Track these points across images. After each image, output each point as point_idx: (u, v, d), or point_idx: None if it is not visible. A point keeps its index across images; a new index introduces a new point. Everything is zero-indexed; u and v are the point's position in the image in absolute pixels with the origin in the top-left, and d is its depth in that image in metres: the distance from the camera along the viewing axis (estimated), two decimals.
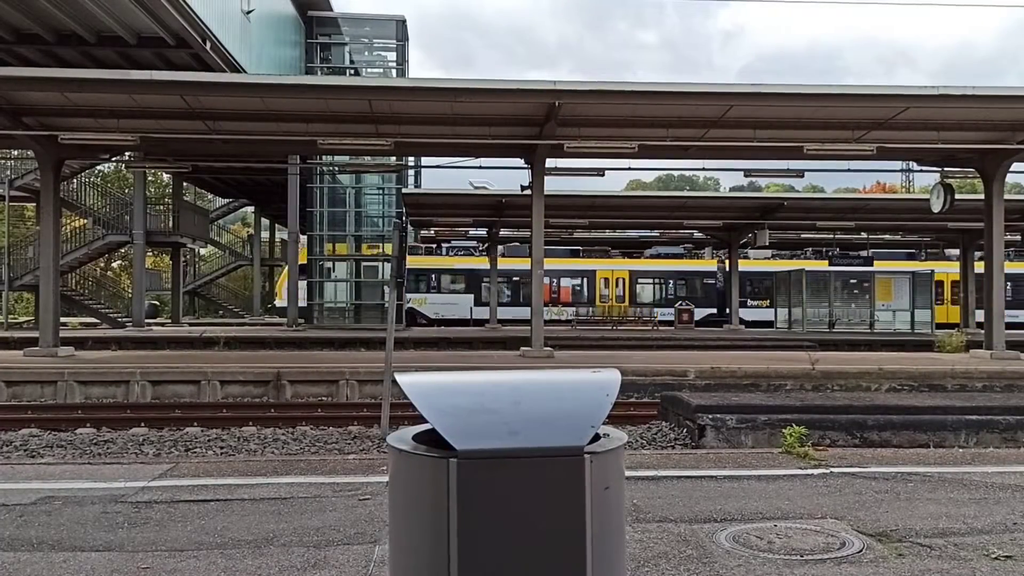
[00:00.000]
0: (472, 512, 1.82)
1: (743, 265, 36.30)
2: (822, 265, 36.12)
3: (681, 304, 36.88)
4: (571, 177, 22.51)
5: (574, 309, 37.36)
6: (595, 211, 30.70)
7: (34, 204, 33.10)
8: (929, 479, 6.42)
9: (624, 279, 39.98)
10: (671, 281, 40.28)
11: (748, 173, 22.76)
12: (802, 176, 21.78)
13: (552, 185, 19.58)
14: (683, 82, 17.76)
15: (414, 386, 1.97)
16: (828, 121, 17.27)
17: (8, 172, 29.30)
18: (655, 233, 40.16)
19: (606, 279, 40.01)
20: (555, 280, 38.93)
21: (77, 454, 9.97)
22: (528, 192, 19.31)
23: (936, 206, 19.76)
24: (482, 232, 36.79)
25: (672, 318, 36.13)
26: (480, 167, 21.09)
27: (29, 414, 12.62)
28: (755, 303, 39.45)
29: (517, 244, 39.86)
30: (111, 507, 5.51)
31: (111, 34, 20.00)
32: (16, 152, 27.58)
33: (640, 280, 40.16)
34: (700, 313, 37.63)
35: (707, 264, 41.29)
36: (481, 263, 36.94)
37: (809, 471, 6.65)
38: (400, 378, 1.99)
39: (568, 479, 1.86)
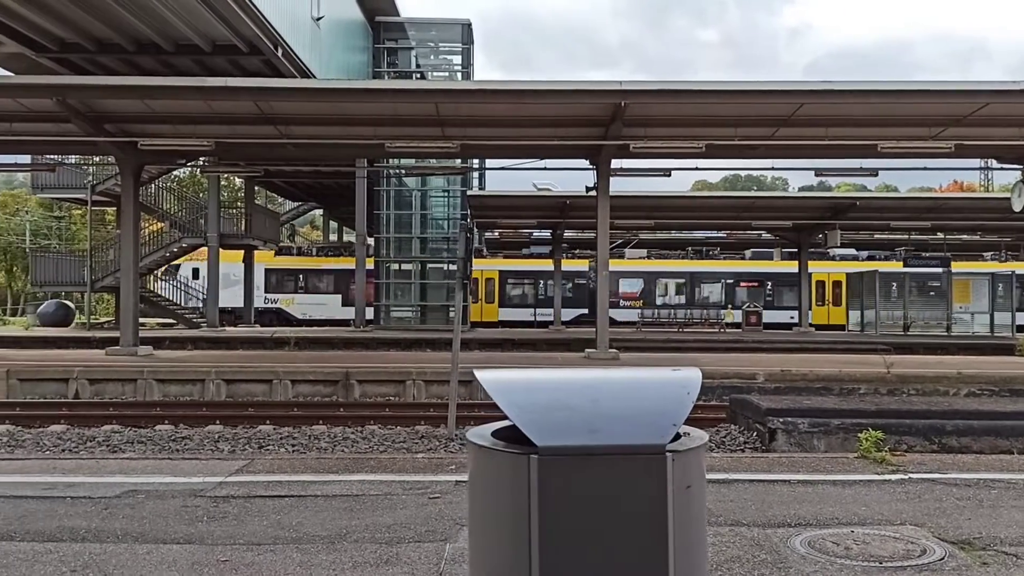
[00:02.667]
0: (552, 509, 1.83)
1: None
2: (896, 266, 35.21)
3: (749, 306, 36.33)
4: (634, 178, 22.37)
5: (639, 311, 37.11)
6: (661, 212, 30.46)
7: (114, 208, 34.27)
8: (1014, 486, 6.20)
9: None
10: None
11: (819, 172, 22.29)
12: (876, 175, 21.28)
13: (616, 186, 19.49)
14: (752, 80, 17.51)
15: (494, 382, 1.99)
16: (904, 119, 16.83)
17: (90, 178, 30.32)
18: (722, 234, 39.67)
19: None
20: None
21: (157, 450, 10.28)
22: (593, 193, 19.26)
23: (1017, 205, 19.08)
24: (546, 234, 36.87)
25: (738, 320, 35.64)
26: (545, 168, 21.15)
27: (111, 411, 13.06)
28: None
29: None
30: (191, 501, 5.67)
31: (188, 43, 20.59)
32: (97, 158, 28.53)
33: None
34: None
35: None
36: (349, 263, 35.61)
37: (886, 476, 6.48)
38: (480, 374, 2.01)
39: (650, 477, 1.86)
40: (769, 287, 39.24)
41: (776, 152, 19.04)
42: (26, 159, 23.43)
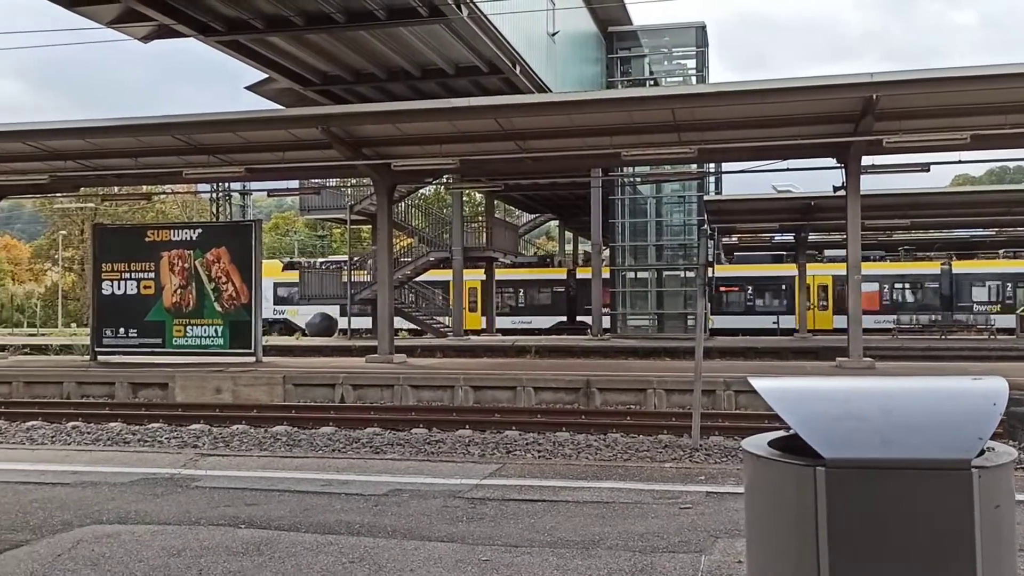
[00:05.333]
0: (842, 525, 1.72)
1: None
2: None
3: None
4: (882, 175, 20.87)
5: (894, 318, 34.60)
6: (918, 210, 28.22)
7: (369, 226, 36.90)
8: None
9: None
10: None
11: None
12: None
13: (863, 184, 18.26)
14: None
15: (773, 391, 1.92)
16: None
17: (348, 198, 32.87)
18: (991, 232, 36.09)
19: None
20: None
21: (414, 452, 10.90)
22: (842, 193, 18.20)
23: None
24: (788, 237, 35.35)
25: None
26: (788, 169, 20.23)
27: (372, 414, 14.04)
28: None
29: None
30: (450, 502, 5.95)
31: (433, 67, 21.84)
32: (354, 180, 30.87)
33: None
34: None
35: None
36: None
37: None
38: (756, 383, 1.94)
39: (953, 495, 1.70)
40: None
41: None
42: (295, 184, 25.78)
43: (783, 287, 37.28)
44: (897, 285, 37.32)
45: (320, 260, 45.49)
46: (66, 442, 12.01)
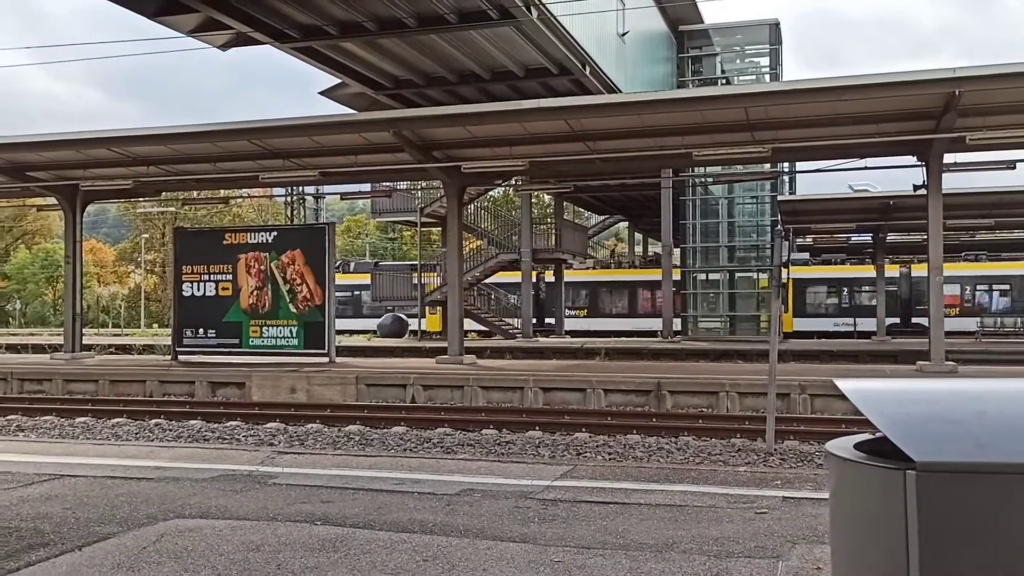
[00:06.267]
0: (934, 531, 1.66)
1: None
2: None
3: None
4: (964, 173, 20.19)
5: (978, 320, 33.42)
6: (1003, 209, 27.19)
7: (439, 229, 37.21)
8: None
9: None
10: None
11: None
12: None
13: (944, 182, 17.68)
14: None
15: (859, 392, 1.86)
16: None
17: (418, 201, 33.22)
18: None
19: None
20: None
21: (484, 452, 10.96)
22: (922, 192, 17.67)
23: None
24: (866, 237, 34.47)
25: None
26: (866, 168, 19.73)
27: (442, 415, 14.16)
28: None
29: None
30: (522, 502, 5.95)
31: (503, 69, 21.94)
32: (424, 183, 31.18)
33: None
34: None
35: None
36: None
37: None
38: (841, 383, 1.89)
39: None
40: None
41: None
42: (366, 187, 26.16)
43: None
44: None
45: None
46: (149, 439, 12.41)
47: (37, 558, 4.69)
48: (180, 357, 20.26)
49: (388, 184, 27.65)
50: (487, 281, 33.46)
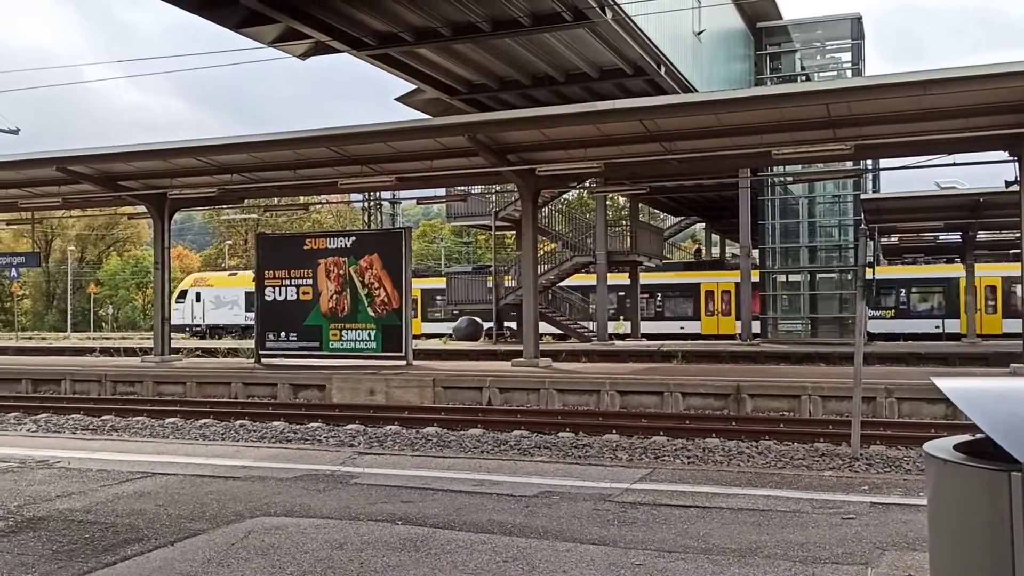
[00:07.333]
0: None
1: None
2: None
3: None
4: None
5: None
6: None
7: (513, 232, 37.33)
8: None
9: None
10: None
11: None
12: None
13: None
14: None
15: (960, 391, 1.80)
16: None
17: (491, 205, 33.37)
18: None
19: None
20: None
21: (561, 455, 10.94)
22: (1014, 188, 16.97)
23: None
24: (955, 237, 33.32)
25: None
26: (954, 164, 19.02)
27: (519, 417, 14.18)
28: None
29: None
30: (601, 505, 5.92)
31: (577, 71, 21.90)
32: (498, 187, 31.32)
33: None
34: None
35: None
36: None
37: None
38: (941, 383, 1.82)
39: None
40: None
41: None
42: (441, 191, 26.41)
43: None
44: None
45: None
46: (235, 439, 12.76)
47: (132, 552, 4.87)
48: (263, 360, 20.77)
49: (463, 188, 27.88)
50: (561, 284, 33.41)
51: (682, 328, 38.45)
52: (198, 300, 48.33)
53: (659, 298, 40.42)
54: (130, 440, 11.87)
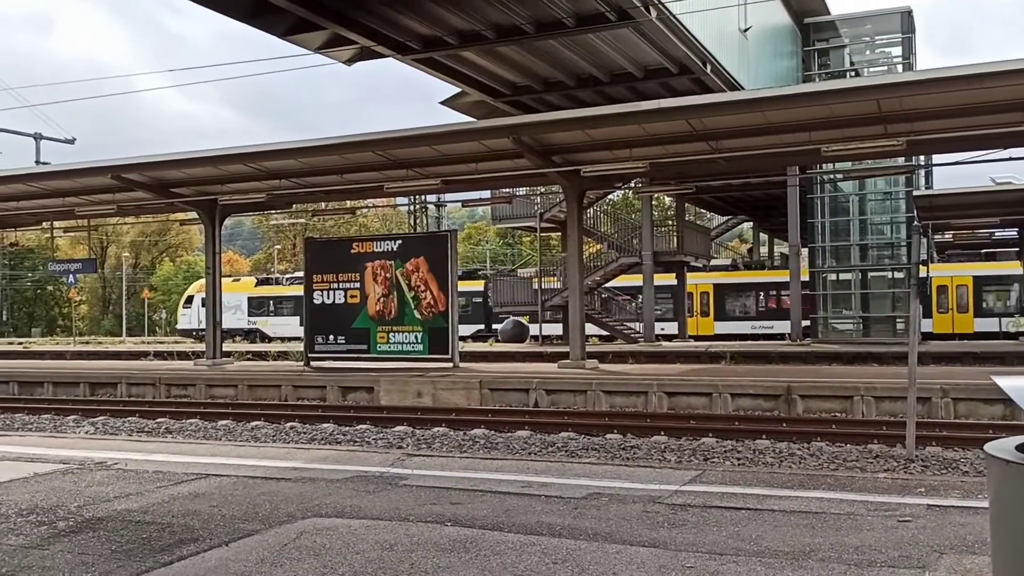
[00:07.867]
0: None
1: None
2: None
3: None
4: None
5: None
6: None
7: (558, 233, 37.29)
8: None
9: None
10: None
11: None
12: None
13: None
14: None
15: (1019, 390, 1.75)
16: None
17: (536, 207, 33.36)
18: None
19: None
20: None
21: (609, 457, 10.90)
22: None
23: None
24: (1011, 233, 32.46)
25: None
26: (1011, 158, 18.55)
27: (566, 419, 14.15)
28: None
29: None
30: (650, 507, 5.88)
31: (621, 71, 21.81)
32: (543, 188, 31.31)
33: None
34: None
35: None
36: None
37: None
38: (1002, 381, 1.78)
39: None
40: None
41: None
42: (486, 194, 26.45)
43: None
44: None
45: (287, 277, 50.43)
46: (285, 441, 12.93)
47: (188, 552, 4.96)
48: (312, 363, 21.00)
49: (508, 190, 27.90)
50: (608, 285, 33.27)
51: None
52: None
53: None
54: (184, 442, 12.09)
